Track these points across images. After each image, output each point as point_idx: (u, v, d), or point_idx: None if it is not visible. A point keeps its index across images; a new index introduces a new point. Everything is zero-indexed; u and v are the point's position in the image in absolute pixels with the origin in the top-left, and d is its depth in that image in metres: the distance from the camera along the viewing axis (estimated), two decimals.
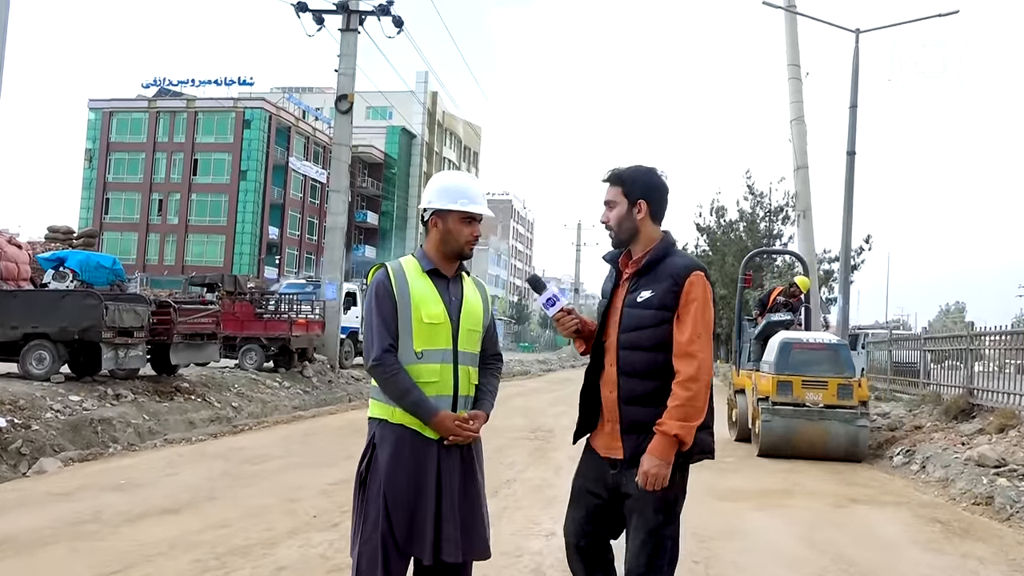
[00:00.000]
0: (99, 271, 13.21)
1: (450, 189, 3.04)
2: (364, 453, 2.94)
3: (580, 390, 3.24)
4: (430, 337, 2.94)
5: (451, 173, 3.19)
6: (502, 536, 5.55)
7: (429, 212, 3.02)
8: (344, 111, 19.69)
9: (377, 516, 2.84)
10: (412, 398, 2.88)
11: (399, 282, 2.95)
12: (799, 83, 18.84)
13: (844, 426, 10.03)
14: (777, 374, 10.34)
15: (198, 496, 6.61)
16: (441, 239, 3.01)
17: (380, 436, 2.93)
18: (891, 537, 6.08)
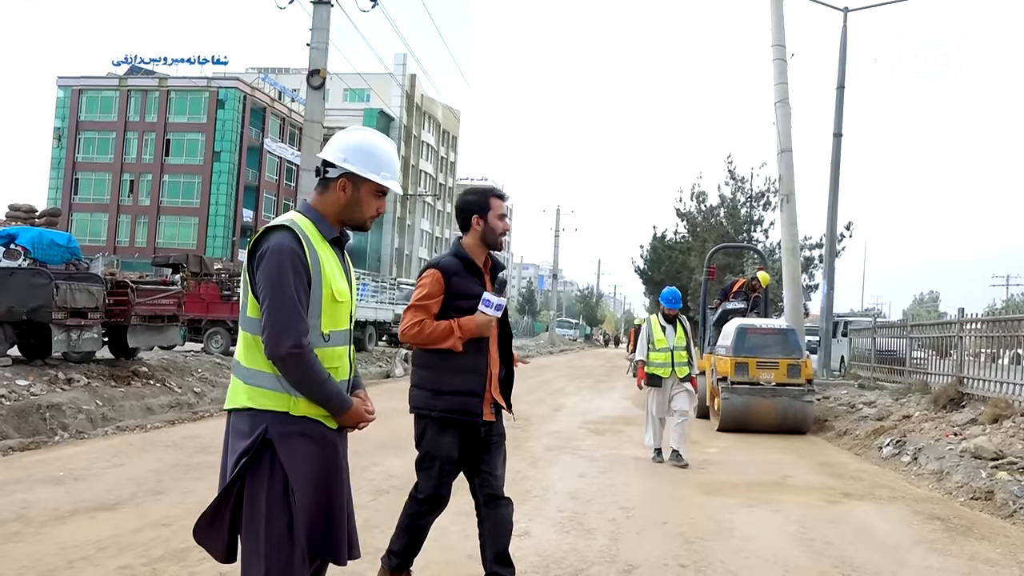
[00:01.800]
0: (53, 249, 12.47)
1: (374, 155, 2.66)
2: (247, 451, 2.42)
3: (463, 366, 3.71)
4: (337, 317, 2.58)
5: (371, 133, 2.74)
6: (470, 536, 5.03)
7: (339, 171, 2.61)
8: (316, 87, 18.92)
9: (286, 524, 2.43)
10: (331, 388, 2.51)
11: (310, 251, 2.50)
12: (784, 64, 18.36)
13: (793, 402, 11.38)
14: (734, 356, 11.59)
15: (141, 490, 6.06)
16: (346, 206, 2.65)
17: (278, 432, 2.46)
18: (891, 537, 5.64)
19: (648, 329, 8.71)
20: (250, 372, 2.50)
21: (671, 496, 6.80)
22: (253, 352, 2.50)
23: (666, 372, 8.47)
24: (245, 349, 2.52)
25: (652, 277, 40.21)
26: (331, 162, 2.62)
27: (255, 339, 2.48)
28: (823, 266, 19.75)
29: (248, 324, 2.51)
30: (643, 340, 8.68)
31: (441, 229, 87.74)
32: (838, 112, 15.80)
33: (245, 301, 2.52)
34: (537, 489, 6.73)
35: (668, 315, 8.65)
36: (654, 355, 8.53)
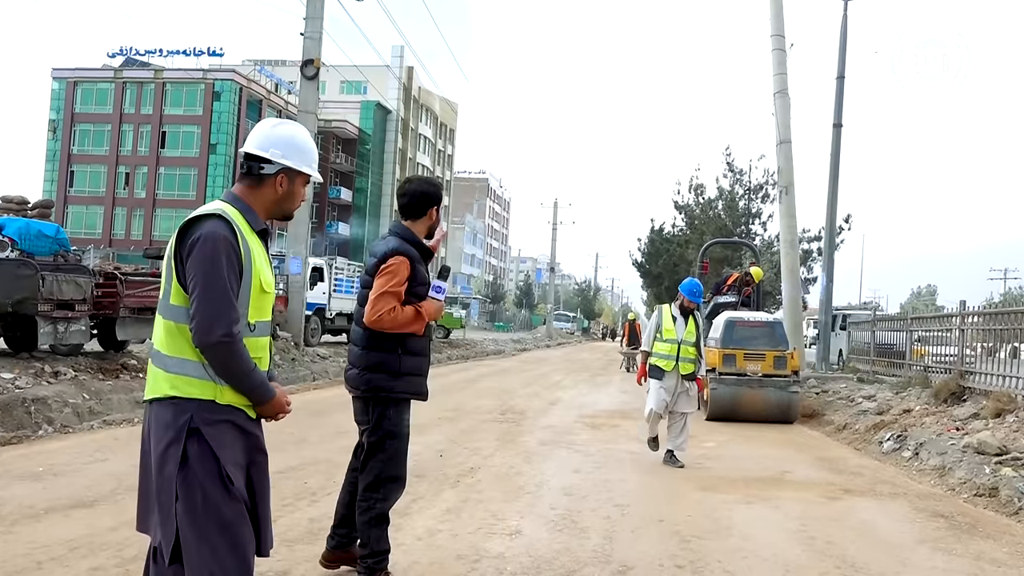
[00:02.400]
0: (41, 240, 12.26)
1: (305, 149, 2.74)
2: (175, 440, 2.41)
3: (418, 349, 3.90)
4: (263, 308, 2.62)
5: (296, 126, 2.81)
6: (459, 536, 4.89)
7: (276, 167, 2.65)
8: (310, 77, 18.73)
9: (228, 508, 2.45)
10: (257, 377, 2.54)
11: (243, 241, 2.51)
12: (783, 54, 18.18)
13: (779, 392, 11.73)
14: (723, 348, 11.92)
15: (121, 486, 5.86)
16: (281, 199, 2.70)
17: (204, 419, 2.45)
18: (894, 535, 5.47)
19: (658, 317, 8.23)
20: (174, 360, 2.48)
21: (667, 492, 6.62)
22: (177, 340, 2.49)
23: (669, 365, 7.98)
24: (167, 337, 2.50)
25: (650, 270, 40.05)
26: (265, 158, 2.63)
27: (179, 327, 2.48)
28: (822, 258, 19.57)
29: (171, 312, 2.50)
30: (651, 328, 8.21)
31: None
32: (838, 102, 15.61)
33: (168, 288, 2.50)
34: (530, 485, 6.55)
35: (685, 307, 8.15)
36: (659, 345, 8.07)
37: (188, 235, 2.45)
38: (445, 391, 14.89)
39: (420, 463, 7.31)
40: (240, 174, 2.71)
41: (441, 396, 13.85)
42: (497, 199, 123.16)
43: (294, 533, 4.75)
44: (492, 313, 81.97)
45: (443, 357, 25.57)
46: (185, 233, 2.46)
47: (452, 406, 12.04)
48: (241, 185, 2.67)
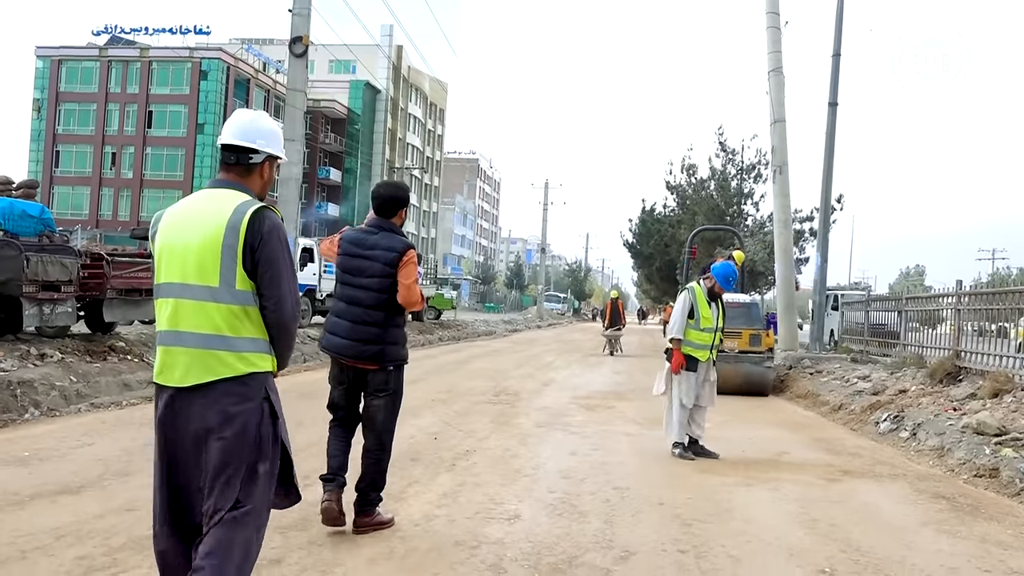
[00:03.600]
0: (25, 220, 12.01)
1: (280, 136, 3.03)
2: (253, 412, 2.72)
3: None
4: None
5: (266, 115, 3.08)
6: (457, 521, 4.78)
7: (262, 156, 2.91)
8: (299, 54, 18.40)
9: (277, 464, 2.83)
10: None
11: None
12: (778, 32, 18.02)
13: (754, 367, 12.75)
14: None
15: (109, 472, 5.74)
16: (266, 183, 3.00)
17: (271, 387, 2.82)
18: (897, 517, 5.39)
19: (692, 300, 7.37)
20: (245, 340, 2.71)
21: (666, 475, 6.53)
22: (244, 322, 2.71)
23: (705, 355, 7.34)
24: (233, 320, 2.69)
25: (641, 251, 40.02)
26: (252, 148, 2.86)
27: (246, 310, 2.71)
28: (816, 238, 19.48)
29: (237, 297, 2.68)
30: (682, 313, 7.34)
31: (429, 203, 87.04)
32: (833, 81, 15.45)
33: (231, 276, 2.66)
34: (527, 468, 6.45)
35: (714, 292, 7.47)
36: (696, 334, 7.31)
37: (260, 226, 2.69)
38: (437, 372, 14.79)
39: (414, 446, 7.20)
40: (226, 164, 2.87)
41: (433, 378, 13.75)
42: (487, 180, 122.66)
43: (287, 520, 4.62)
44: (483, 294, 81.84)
45: (434, 338, 25.45)
46: (257, 224, 2.69)
47: (445, 388, 11.93)
48: (232, 174, 2.86)
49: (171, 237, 2.76)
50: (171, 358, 2.70)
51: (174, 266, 2.73)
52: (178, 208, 2.86)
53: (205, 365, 2.65)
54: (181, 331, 2.69)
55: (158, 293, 2.80)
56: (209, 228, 2.68)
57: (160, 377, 2.74)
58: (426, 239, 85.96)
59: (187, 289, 2.69)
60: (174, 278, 2.73)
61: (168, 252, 2.76)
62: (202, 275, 2.67)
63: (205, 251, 2.67)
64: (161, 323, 2.77)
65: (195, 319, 2.67)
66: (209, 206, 2.76)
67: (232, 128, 2.90)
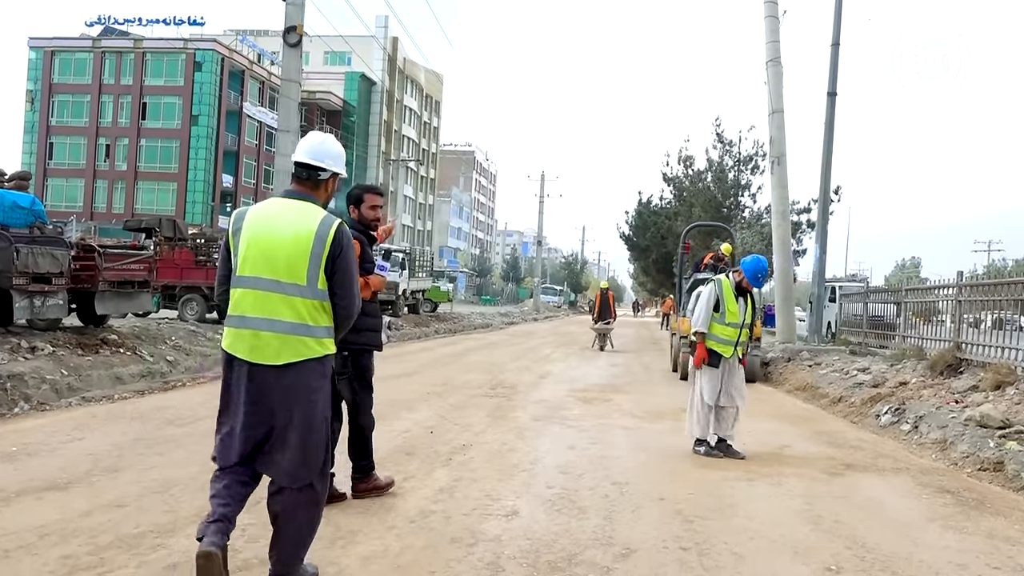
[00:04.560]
0: (15, 212, 11.83)
1: (344, 157, 3.59)
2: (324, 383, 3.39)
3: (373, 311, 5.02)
4: None
5: (335, 141, 3.61)
6: (453, 518, 4.67)
7: (328, 173, 3.50)
8: (293, 44, 18.19)
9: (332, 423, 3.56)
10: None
11: None
12: (776, 22, 17.90)
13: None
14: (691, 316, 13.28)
15: (98, 467, 5.61)
16: (330, 196, 3.57)
17: (331, 364, 3.44)
18: (902, 512, 5.29)
19: (719, 292, 7.07)
20: (323, 329, 3.33)
21: (666, 469, 6.42)
22: (323, 314, 3.33)
23: (728, 351, 7.04)
24: (315, 312, 3.29)
25: (637, 243, 39.90)
26: (320, 166, 3.44)
27: (324, 304, 3.32)
28: (815, 230, 19.38)
29: (319, 294, 3.30)
30: (707, 305, 7.04)
31: (424, 195, 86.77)
32: (832, 70, 15.32)
33: (315, 276, 3.26)
34: (525, 463, 6.33)
35: (743, 287, 7.13)
36: (721, 329, 7.02)
37: (341, 239, 3.29)
38: (433, 365, 14.68)
39: (410, 440, 7.10)
40: (299, 178, 3.45)
41: (429, 370, 13.63)
42: (483, 172, 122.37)
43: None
44: (479, 287, 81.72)
45: (430, 331, 25.33)
46: (339, 237, 3.29)
47: (440, 381, 11.81)
48: (304, 187, 3.44)
49: (258, 237, 3.28)
50: (262, 341, 3.23)
51: (262, 263, 3.25)
52: (261, 211, 3.36)
53: (294, 348, 3.25)
54: (274, 318, 3.24)
55: (241, 283, 3.29)
56: (299, 235, 3.25)
57: (252, 355, 3.24)
58: (422, 231, 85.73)
59: (278, 285, 3.24)
60: (264, 273, 3.25)
61: (255, 250, 3.27)
62: (292, 274, 3.24)
63: (296, 255, 3.24)
64: (247, 309, 3.26)
65: (285, 310, 3.24)
66: (293, 215, 3.30)
67: (305, 148, 3.46)
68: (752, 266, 7.06)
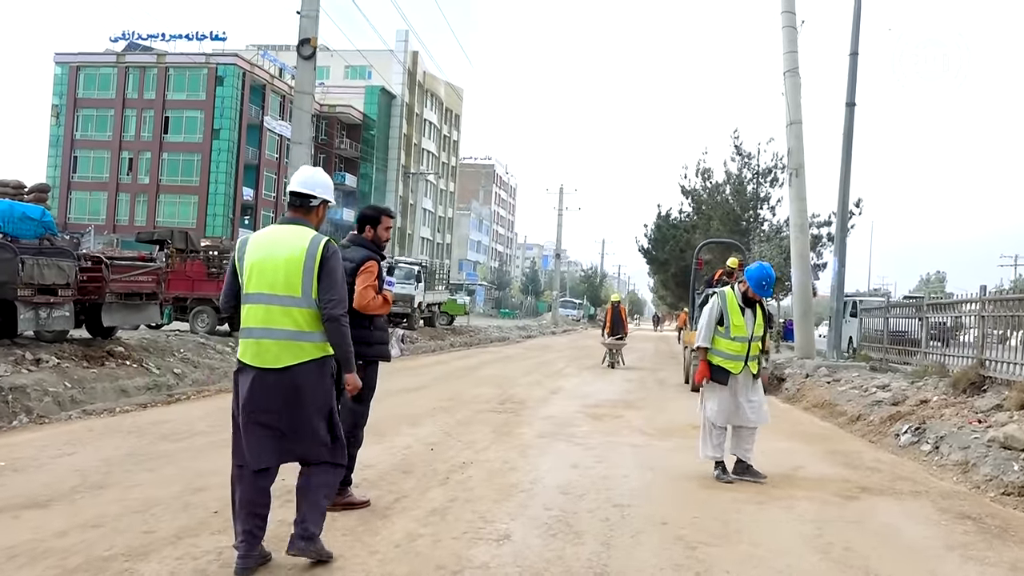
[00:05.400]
0: (25, 223, 11.82)
1: (331, 187, 4.18)
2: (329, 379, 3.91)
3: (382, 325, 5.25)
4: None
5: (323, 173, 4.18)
6: (442, 542, 4.45)
7: (319, 200, 4.02)
8: (307, 57, 18.17)
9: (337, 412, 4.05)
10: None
11: None
12: (794, 32, 17.65)
13: None
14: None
15: (84, 484, 5.45)
16: (320, 221, 4.06)
17: (333, 365, 3.93)
18: (919, 540, 5.01)
19: (722, 305, 6.69)
20: (318, 334, 3.81)
21: (672, 490, 6.17)
22: (318, 321, 3.80)
23: (737, 367, 6.59)
24: (312, 320, 3.79)
25: (656, 256, 39.55)
26: (312, 195, 3.97)
27: (317, 312, 3.79)
28: (834, 243, 19.02)
29: (313, 304, 3.78)
30: (710, 319, 6.69)
31: (444, 208, 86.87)
32: (851, 80, 15.05)
33: (309, 287, 3.75)
34: (524, 483, 6.10)
35: (749, 297, 6.71)
36: (726, 343, 6.62)
37: (328, 252, 3.79)
38: (444, 379, 14.48)
39: (409, 457, 6.89)
40: (293, 205, 3.97)
41: (440, 384, 13.44)
42: (503, 185, 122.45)
43: None
44: (498, 300, 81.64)
45: (445, 344, 25.16)
46: (327, 251, 3.78)
47: (449, 395, 11.61)
48: (298, 213, 3.97)
49: (259, 258, 3.79)
50: (262, 347, 3.73)
51: (264, 280, 3.76)
52: (261, 237, 3.90)
53: (293, 352, 3.74)
54: (273, 327, 3.74)
55: (248, 300, 3.82)
56: (293, 253, 3.75)
57: (256, 360, 3.75)
58: (441, 244, 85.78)
59: (276, 298, 3.74)
60: (264, 289, 3.75)
61: (258, 270, 3.78)
62: (289, 288, 3.74)
63: (291, 271, 3.73)
64: (252, 321, 3.78)
65: (284, 319, 3.74)
66: (288, 237, 3.83)
67: (298, 179, 4.00)
68: (756, 274, 6.67)
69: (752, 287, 6.65)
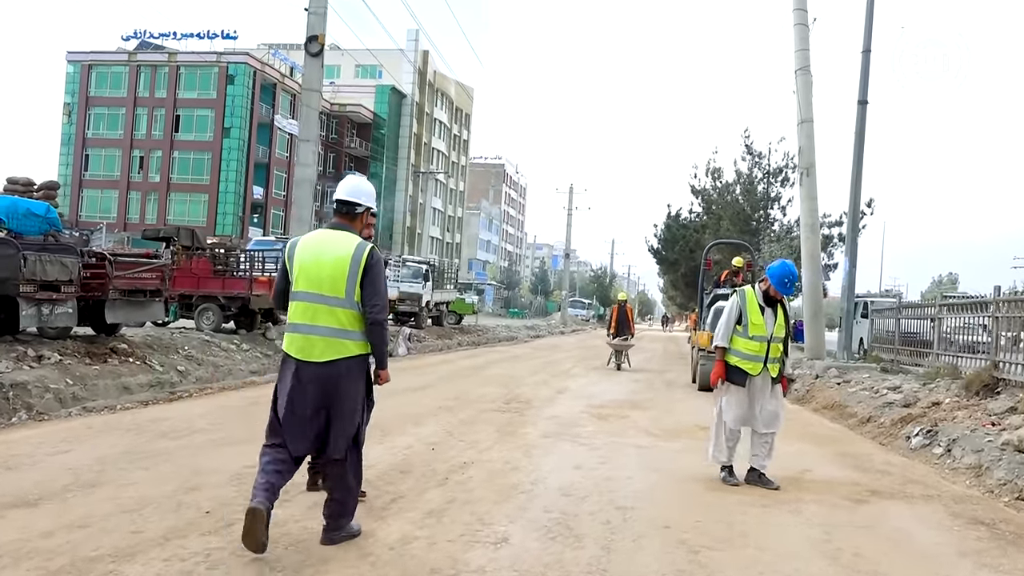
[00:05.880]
0: (29, 219, 11.77)
1: (374, 195, 4.49)
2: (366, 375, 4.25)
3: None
4: None
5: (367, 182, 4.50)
6: (437, 544, 4.33)
7: (363, 208, 4.33)
8: (314, 54, 18.14)
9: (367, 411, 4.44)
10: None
11: None
12: (805, 30, 17.45)
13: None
14: (711, 331, 13.87)
15: (76, 482, 5.35)
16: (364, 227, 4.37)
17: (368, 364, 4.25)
18: (931, 546, 4.85)
19: (741, 304, 6.41)
20: (359, 333, 4.12)
21: (676, 493, 6.03)
22: (358, 321, 4.11)
23: (755, 368, 6.32)
24: (355, 320, 4.10)
25: (666, 257, 39.38)
26: (356, 202, 4.29)
27: (358, 313, 4.10)
28: (845, 243, 18.81)
29: (356, 306, 4.08)
30: (729, 318, 6.43)
31: (454, 208, 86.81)
32: (863, 77, 14.86)
33: (352, 290, 4.05)
34: (525, 484, 5.97)
35: (771, 296, 6.42)
36: (744, 343, 6.34)
37: (372, 259, 4.08)
38: (449, 378, 14.37)
39: (409, 457, 6.77)
40: (339, 212, 4.28)
41: (444, 384, 13.32)
42: (513, 185, 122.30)
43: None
44: (507, 299, 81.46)
45: (453, 343, 25.06)
46: (371, 258, 4.08)
47: (454, 394, 11.50)
48: (344, 219, 4.27)
49: (307, 260, 4.11)
50: (308, 342, 4.06)
51: (311, 281, 4.07)
52: (310, 240, 4.21)
53: (335, 348, 4.06)
54: (318, 325, 4.05)
55: (296, 298, 4.13)
56: (339, 258, 4.06)
57: (301, 354, 4.08)
58: (451, 244, 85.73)
59: (322, 298, 4.05)
60: (312, 288, 4.07)
61: (305, 271, 4.10)
62: (334, 289, 4.04)
63: (336, 274, 4.04)
64: (299, 318, 4.11)
65: (328, 318, 4.06)
66: (334, 242, 4.13)
67: (344, 188, 4.32)
68: (779, 271, 6.35)
69: (774, 284, 6.35)
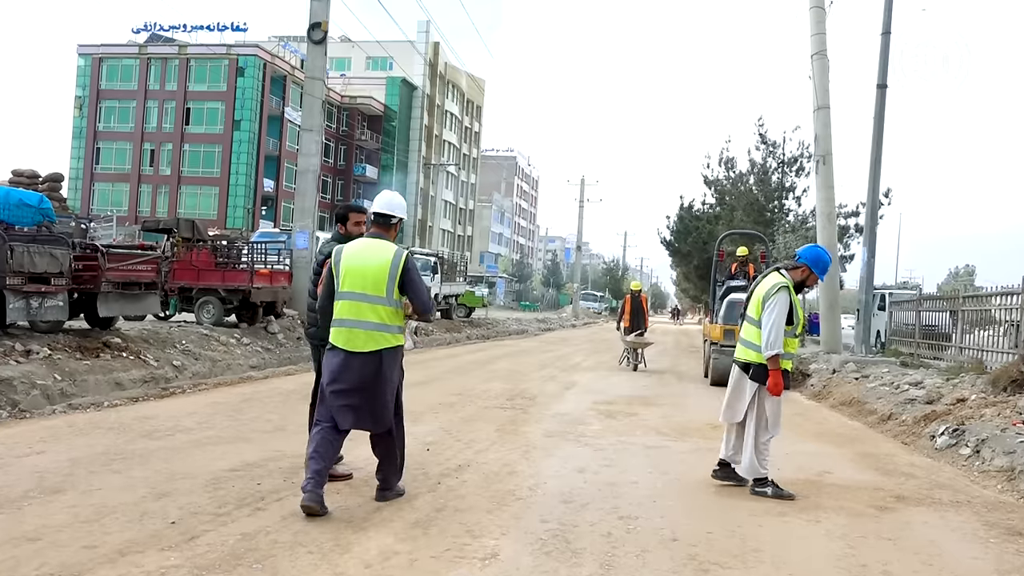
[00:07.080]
0: (22, 209, 11.43)
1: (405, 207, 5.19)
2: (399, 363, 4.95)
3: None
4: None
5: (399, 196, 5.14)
6: (419, 561, 3.92)
7: (397, 219, 5.01)
8: (317, 41, 17.80)
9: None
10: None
11: None
12: (822, 12, 16.92)
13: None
14: (723, 324, 13.52)
15: (38, 487, 4.98)
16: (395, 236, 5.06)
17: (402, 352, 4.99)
18: (965, 562, 4.41)
19: (791, 302, 5.77)
20: (396, 327, 4.78)
21: (686, 500, 5.59)
22: (396, 316, 4.77)
23: (792, 367, 6.02)
24: (394, 315, 4.76)
25: (679, 249, 38.83)
26: (391, 215, 4.95)
27: (396, 310, 4.77)
28: (863, 233, 18.27)
29: (392, 302, 4.74)
30: (781, 320, 5.69)
31: (466, 200, 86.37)
32: (883, 60, 14.33)
33: (391, 289, 4.71)
34: (522, 489, 5.55)
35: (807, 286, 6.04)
36: (792, 343, 5.83)
37: (406, 264, 4.73)
38: (454, 373, 13.98)
39: None
40: (377, 223, 4.93)
41: (449, 379, 12.93)
42: (525, 177, 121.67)
43: (214, 555, 3.81)
44: (518, 292, 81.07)
45: (461, 337, 24.69)
46: (407, 262, 4.73)
47: (457, 390, 11.10)
48: (381, 229, 4.92)
49: (352, 265, 4.72)
50: (353, 335, 4.68)
51: (356, 282, 4.70)
52: (353, 248, 4.81)
53: (376, 340, 4.69)
54: (362, 320, 4.68)
55: (342, 297, 4.73)
56: (381, 263, 4.70)
57: (347, 345, 4.69)
58: (463, 236, 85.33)
59: (366, 296, 4.68)
60: (356, 289, 4.70)
61: (351, 274, 4.71)
62: (377, 289, 4.68)
63: (379, 277, 4.69)
64: (344, 314, 4.72)
65: (371, 314, 4.69)
66: (375, 249, 4.77)
67: (380, 203, 4.96)
68: (812, 256, 5.92)
69: (817, 272, 5.90)
